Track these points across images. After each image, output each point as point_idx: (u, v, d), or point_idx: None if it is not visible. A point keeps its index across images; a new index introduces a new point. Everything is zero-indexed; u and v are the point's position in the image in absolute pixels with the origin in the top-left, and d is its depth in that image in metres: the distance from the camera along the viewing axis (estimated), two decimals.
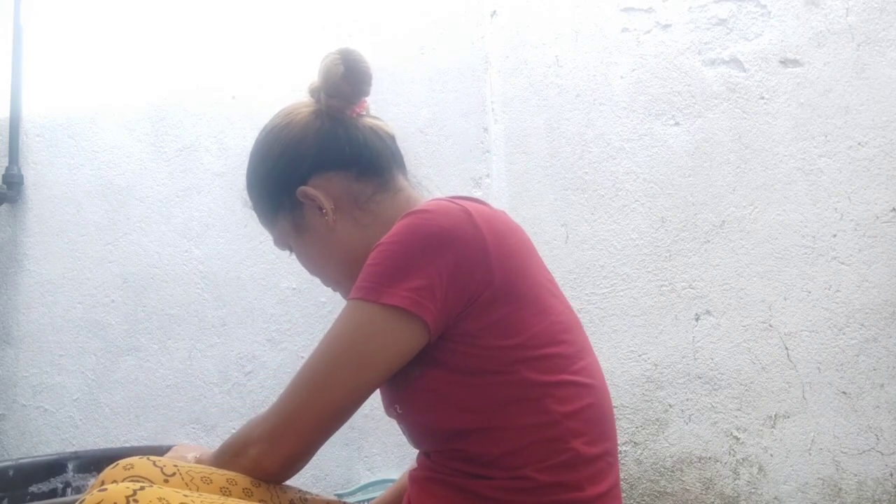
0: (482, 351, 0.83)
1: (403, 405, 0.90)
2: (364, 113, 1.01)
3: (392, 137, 1.02)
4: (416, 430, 0.92)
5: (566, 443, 0.84)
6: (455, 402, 0.85)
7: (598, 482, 0.85)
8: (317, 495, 0.97)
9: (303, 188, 0.96)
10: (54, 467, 1.47)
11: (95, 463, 1.51)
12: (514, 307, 0.84)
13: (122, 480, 0.80)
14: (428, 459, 0.92)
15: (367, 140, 0.98)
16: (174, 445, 1.13)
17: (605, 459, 0.88)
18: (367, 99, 1.01)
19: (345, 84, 0.96)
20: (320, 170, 0.97)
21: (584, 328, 1.01)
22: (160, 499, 0.72)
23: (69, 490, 1.48)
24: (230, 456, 0.89)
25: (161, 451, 1.02)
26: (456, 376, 0.84)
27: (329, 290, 1.88)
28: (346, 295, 1.02)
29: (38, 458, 1.55)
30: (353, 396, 0.85)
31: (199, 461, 0.94)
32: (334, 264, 1.00)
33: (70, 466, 1.48)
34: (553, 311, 0.89)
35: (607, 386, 0.95)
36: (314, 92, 0.99)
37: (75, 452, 1.55)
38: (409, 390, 0.88)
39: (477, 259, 0.83)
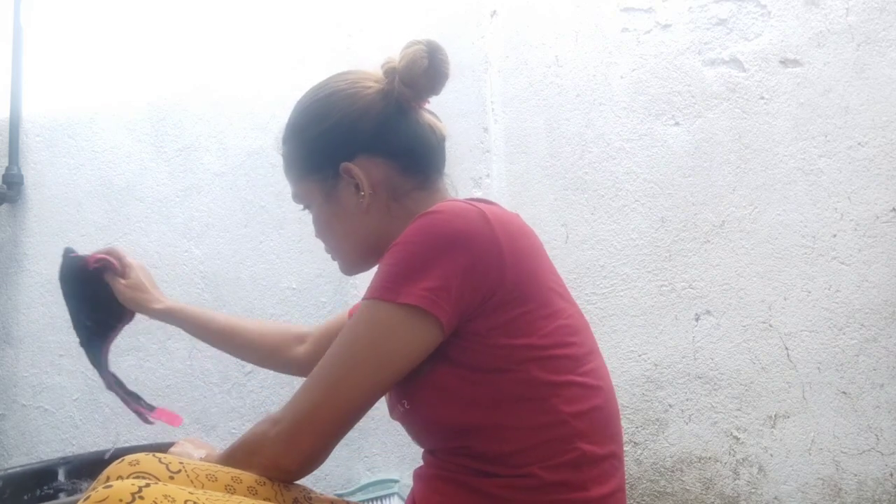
0: (492, 349, 0.84)
1: (411, 401, 0.90)
2: (425, 107, 1.02)
3: (444, 138, 1.03)
4: (423, 426, 0.92)
5: (572, 443, 0.85)
6: (463, 399, 0.85)
7: (602, 483, 0.86)
8: (320, 494, 0.97)
9: (347, 164, 0.96)
10: (44, 475, 1.45)
11: (87, 467, 1.50)
12: (524, 309, 0.85)
13: (128, 476, 0.80)
14: (433, 457, 0.93)
15: (423, 137, 1.00)
16: (175, 442, 1.12)
17: (610, 461, 0.88)
18: None
19: (424, 78, 0.95)
20: (370, 152, 0.97)
21: None
22: (165, 496, 0.72)
23: (62, 494, 1.47)
24: (244, 455, 0.89)
25: (162, 448, 1.02)
26: (465, 373, 0.85)
27: (329, 289, 1.90)
28: (343, 268, 1.06)
29: (27, 467, 1.53)
30: (369, 394, 0.86)
31: (205, 460, 0.94)
32: (352, 243, 1.01)
33: (61, 472, 1.47)
34: (562, 314, 0.90)
35: (614, 389, 0.95)
36: (389, 73, 0.98)
37: (64, 458, 1.53)
38: (417, 386, 0.88)
39: (490, 260, 0.84)
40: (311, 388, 0.87)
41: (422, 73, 0.95)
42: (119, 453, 1.39)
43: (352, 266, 1.05)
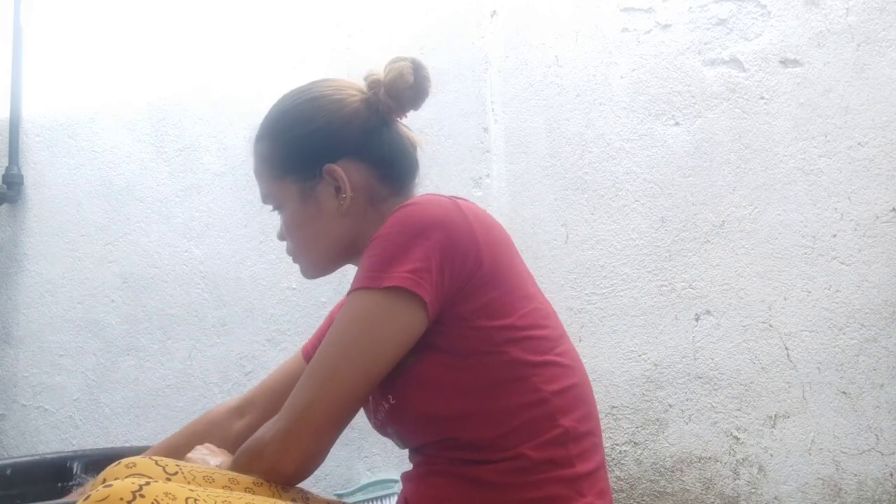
0: (474, 332, 0.87)
1: (397, 395, 0.91)
2: (402, 120, 1.07)
3: (416, 147, 1.08)
4: (411, 420, 0.93)
5: (555, 420, 0.87)
6: (450, 387, 0.88)
7: (587, 460, 0.89)
8: (317, 495, 0.97)
9: (332, 166, 1.00)
10: (59, 467, 1.44)
11: (100, 462, 1.49)
12: (501, 291, 0.89)
13: (125, 479, 0.80)
14: (422, 455, 0.94)
15: (402, 146, 1.05)
16: (198, 447, 1.11)
17: (590, 439, 0.91)
18: None
19: (409, 92, 1.00)
20: (353, 157, 1.01)
21: (584, 328, 1.05)
22: (166, 493, 0.72)
23: (76, 488, 1.47)
24: (246, 459, 0.90)
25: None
26: (449, 359, 0.88)
27: (329, 289, 1.90)
28: (304, 271, 1.07)
29: (38, 457, 1.53)
30: (362, 385, 0.87)
31: (220, 468, 0.94)
32: (322, 245, 1.03)
33: (76, 466, 1.46)
34: (535, 298, 0.94)
35: (587, 373, 0.98)
36: (374, 85, 1.02)
37: (75, 452, 1.53)
38: (402, 379, 0.90)
39: (467, 244, 0.88)
40: (305, 387, 0.87)
41: (407, 88, 1.00)
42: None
43: (317, 268, 1.07)
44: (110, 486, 0.71)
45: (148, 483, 0.72)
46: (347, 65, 1.91)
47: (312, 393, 0.86)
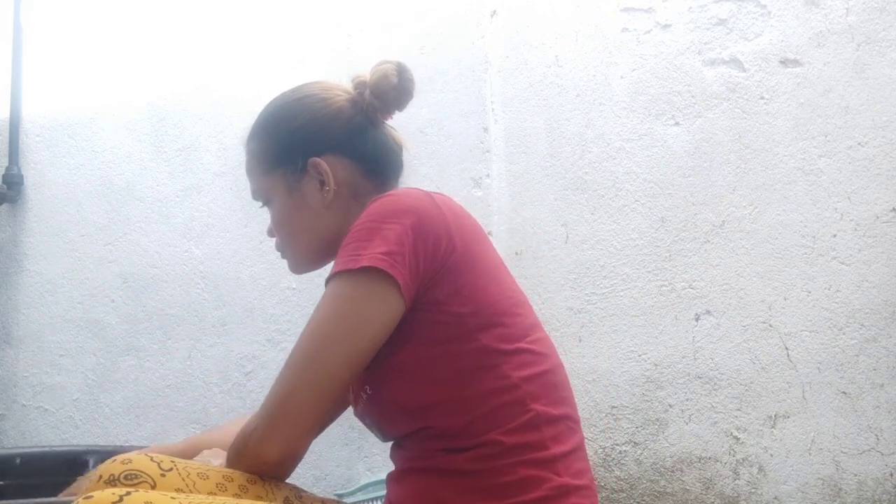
0: (447, 318, 0.89)
1: (374, 385, 0.93)
2: (387, 122, 1.10)
3: (401, 148, 1.11)
4: (386, 410, 0.94)
5: (525, 405, 0.89)
6: (423, 376, 0.89)
7: (562, 442, 0.90)
8: (312, 494, 0.97)
9: (316, 159, 1.02)
10: (73, 461, 1.44)
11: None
12: (474, 277, 0.91)
13: (119, 474, 0.82)
14: (401, 449, 0.95)
15: (387, 145, 1.08)
16: (204, 450, 1.12)
17: (565, 422, 0.92)
18: None
19: (393, 93, 1.03)
20: (339, 152, 1.04)
21: (584, 328, 1.05)
22: (147, 503, 0.73)
23: None
24: (234, 455, 0.91)
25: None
26: (423, 349, 0.89)
27: None
28: (290, 265, 1.11)
29: (50, 449, 1.52)
30: (342, 367, 0.88)
31: (222, 466, 0.94)
32: (308, 238, 1.06)
33: (91, 461, 1.46)
34: (508, 287, 0.96)
35: (562, 363, 1.00)
36: (360, 85, 1.05)
37: (90, 447, 1.52)
38: (381, 369, 0.91)
39: (440, 230, 0.90)
40: (284, 375, 0.89)
41: (391, 88, 1.03)
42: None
43: (303, 262, 1.10)
44: (90, 497, 0.73)
45: (129, 493, 0.74)
46: (347, 65, 1.91)
47: (292, 378, 0.88)
